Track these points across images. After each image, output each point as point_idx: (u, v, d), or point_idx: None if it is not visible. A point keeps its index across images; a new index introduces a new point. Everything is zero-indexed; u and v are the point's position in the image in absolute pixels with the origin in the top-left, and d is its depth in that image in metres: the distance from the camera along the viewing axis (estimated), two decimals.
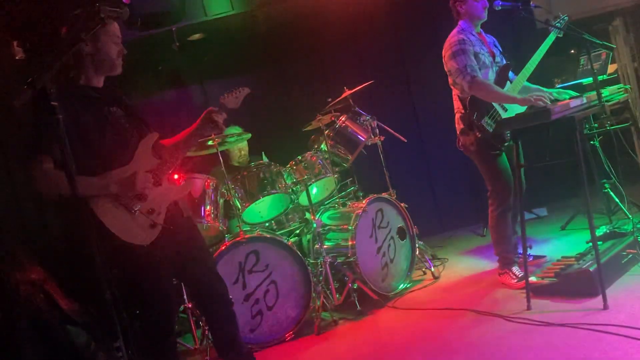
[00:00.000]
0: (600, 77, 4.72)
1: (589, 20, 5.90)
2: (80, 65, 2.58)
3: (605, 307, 2.86)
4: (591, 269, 3.08)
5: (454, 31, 3.65)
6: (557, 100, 3.36)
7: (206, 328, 3.63)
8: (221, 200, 3.90)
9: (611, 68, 6.67)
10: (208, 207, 3.76)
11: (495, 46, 3.80)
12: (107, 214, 2.48)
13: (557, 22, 3.58)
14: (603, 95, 3.23)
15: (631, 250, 3.36)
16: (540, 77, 4.19)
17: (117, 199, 2.49)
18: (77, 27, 2.17)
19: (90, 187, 2.46)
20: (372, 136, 4.42)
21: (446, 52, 3.63)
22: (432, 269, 4.32)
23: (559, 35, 3.59)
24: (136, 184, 2.51)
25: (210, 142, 3.80)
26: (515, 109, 3.54)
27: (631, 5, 5.64)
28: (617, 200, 4.37)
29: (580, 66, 5.33)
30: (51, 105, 1.56)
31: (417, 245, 4.31)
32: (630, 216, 4.11)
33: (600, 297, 2.91)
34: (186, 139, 2.79)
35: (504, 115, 3.55)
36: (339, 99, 4.41)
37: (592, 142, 4.49)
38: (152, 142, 2.69)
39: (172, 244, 2.67)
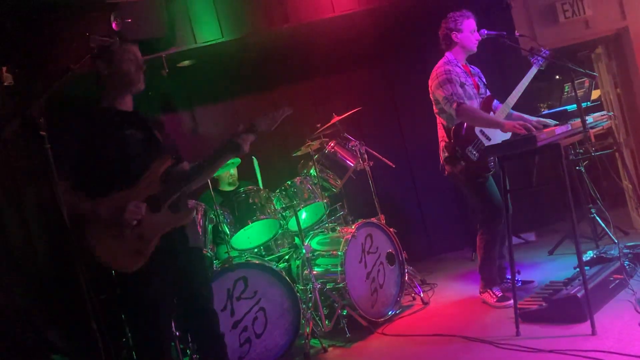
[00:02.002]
0: (584, 104, 4.82)
1: (573, 47, 6.05)
2: (102, 87, 2.62)
3: (594, 332, 2.88)
4: (579, 295, 3.10)
5: (441, 62, 3.73)
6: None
7: (194, 357, 3.58)
8: (210, 226, 3.89)
9: (595, 94, 6.81)
10: None
11: (480, 78, 3.87)
12: (97, 238, 2.47)
13: (540, 56, 3.65)
14: (587, 122, 3.28)
15: (618, 276, 3.39)
16: (526, 104, 4.26)
17: (108, 224, 2.45)
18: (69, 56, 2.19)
19: (82, 210, 2.46)
20: (361, 161, 4.46)
21: (433, 81, 3.70)
22: (422, 294, 4.31)
23: (541, 69, 3.67)
24: (125, 214, 2.44)
25: None
26: (499, 138, 3.59)
27: (612, 34, 5.78)
28: (603, 225, 4.41)
29: (565, 93, 5.44)
30: (40, 135, 1.56)
31: (406, 271, 4.30)
32: (616, 241, 4.14)
33: (588, 323, 2.93)
34: (199, 169, 2.67)
35: (488, 144, 3.61)
36: (327, 125, 4.44)
37: (577, 168, 4.55)
38: (163, 166, 2.58)
39: (170, 272, 2.60)
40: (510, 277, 3.48)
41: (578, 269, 3.43)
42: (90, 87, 2.68)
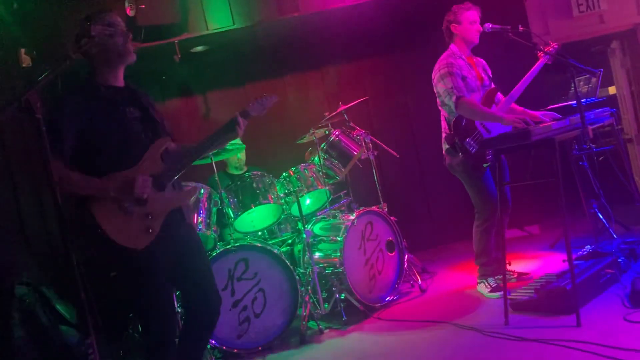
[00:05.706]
0: (590, 100, 4.82)
1: (587, 42, 6.02)
2: (93, 64, 2.58)
3: (579, 324, 2.94)
4: (568, 287, 3.16)
5: (444, 55, 3.78)
6: (540, 122, 3.46)
7: None
8: (214, 209, 4.01)
9: (611, 90, 6.76)
10: (201, 215, 3.87)
11: (485, 70, 3.91)
12: (105, 216, 2.47)
13: (547, 51, 3.65)
14: (588, 118, 3.31)
15: (609, 270, 3.43)
16: (537, 97, 4.22)
17: (116, 202, 2.47)
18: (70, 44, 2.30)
19: (89, 188, 2.45)
20: (365, 150, 4.53)
21: (435, 74, 3.76)
22: (420, 282, 4.40)
23: (548, 63, 3.68)
24: (135, 188, 2.46)
25: None
26: (499, 131, 3.64)
27: (627, 29, 5.73)
28: (603, 220, 4.44)
29: (572, 88, 5.42)
30: (36, 118, 1.68)
31: (405, 258, 4.39)
32: (615, 236, 4.17)
33: (575, 315, 2.99)
34: (200, 147, 2.74)
35: (487, 136, 3.66)
36: (334, 114, 4.52)
37: (580, 163, 4.57)
38: (163, 146, 2.63)
39: (172, 251, 2.64)
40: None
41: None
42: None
